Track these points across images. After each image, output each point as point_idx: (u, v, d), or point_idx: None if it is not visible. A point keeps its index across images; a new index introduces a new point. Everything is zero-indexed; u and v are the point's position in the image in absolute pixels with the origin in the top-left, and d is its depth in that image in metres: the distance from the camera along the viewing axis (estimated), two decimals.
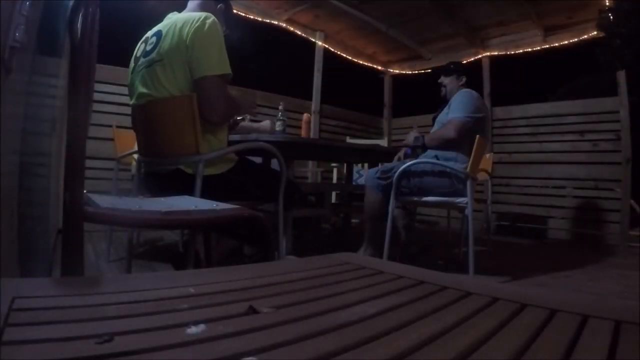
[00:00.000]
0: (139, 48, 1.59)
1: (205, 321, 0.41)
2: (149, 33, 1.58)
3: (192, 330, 0.39)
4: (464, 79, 2.59)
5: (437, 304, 0.52)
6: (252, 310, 0.46)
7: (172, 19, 1.52)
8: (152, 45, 1.52)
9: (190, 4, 1.65)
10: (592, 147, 3.91)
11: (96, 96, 3.19)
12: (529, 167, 4.31)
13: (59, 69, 1.87)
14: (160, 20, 1.59)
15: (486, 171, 3.10)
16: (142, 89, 1.50)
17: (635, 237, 3.64)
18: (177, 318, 0.42)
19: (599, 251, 3.43)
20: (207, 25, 1.43)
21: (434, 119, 2.59)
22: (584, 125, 3.98)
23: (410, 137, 2.44)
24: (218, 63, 1.44)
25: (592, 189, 3.87)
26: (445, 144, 2.29)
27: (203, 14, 1.47)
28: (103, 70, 3.22)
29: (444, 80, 2.62)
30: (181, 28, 1.45)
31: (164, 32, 1.49)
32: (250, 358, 0.34)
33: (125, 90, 3.33)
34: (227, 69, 1.46)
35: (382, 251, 2.15)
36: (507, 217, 4.39)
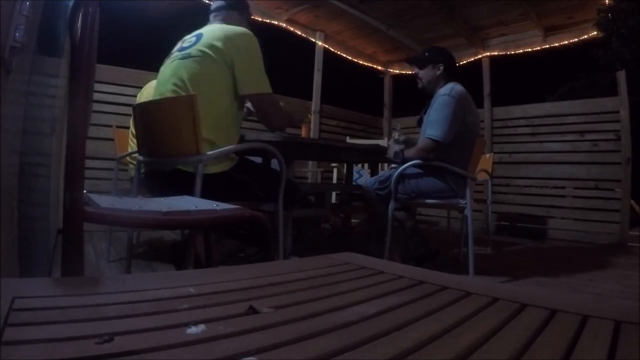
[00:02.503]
0: (176, 47, 1.68)
1: (205, 321, 0.41)
2: (188, 35, 1.68)
3: (192, 330, 0.39)
4: (442, 67, 2.28)
5: (437, 304, 0.52)
6: (252, 310, 0.46)
7: (212, 27, 1.65)
8: (190, 44, 1.59)
9: (216, 15, 1.75)
10: (592, 147, 3.91)
11: (96, 96, 3.18)
12: (529, 167, 4.31)
13: (59, 69, 1.87)
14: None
15: (486, 171, 3.10)
16: (170, 80, 1.56)
17: (635, 237, 3.64)
18: (177, 318, 0.42)
19: (599, 251, 3.43)
20: (251, 43, 1.58)
21: (418, 122, 2.41)
22: (584, 125, 3.98)
23: (391, 151, 2.29)
24: (266, 81, 1.63)
25: (592, 189, 3.87)
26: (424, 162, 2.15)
27: (243, 30, 1.60)
28: (103, 70, 3.21)
29: (419, 72, 2.36)
30: (221, 37, 1.54)
31: (204, 35, 1.59)
32: (250, 358, 0.34)
33: (125, 90, 3.38)
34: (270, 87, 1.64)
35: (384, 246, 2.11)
36: (507, 217, 4.39)
